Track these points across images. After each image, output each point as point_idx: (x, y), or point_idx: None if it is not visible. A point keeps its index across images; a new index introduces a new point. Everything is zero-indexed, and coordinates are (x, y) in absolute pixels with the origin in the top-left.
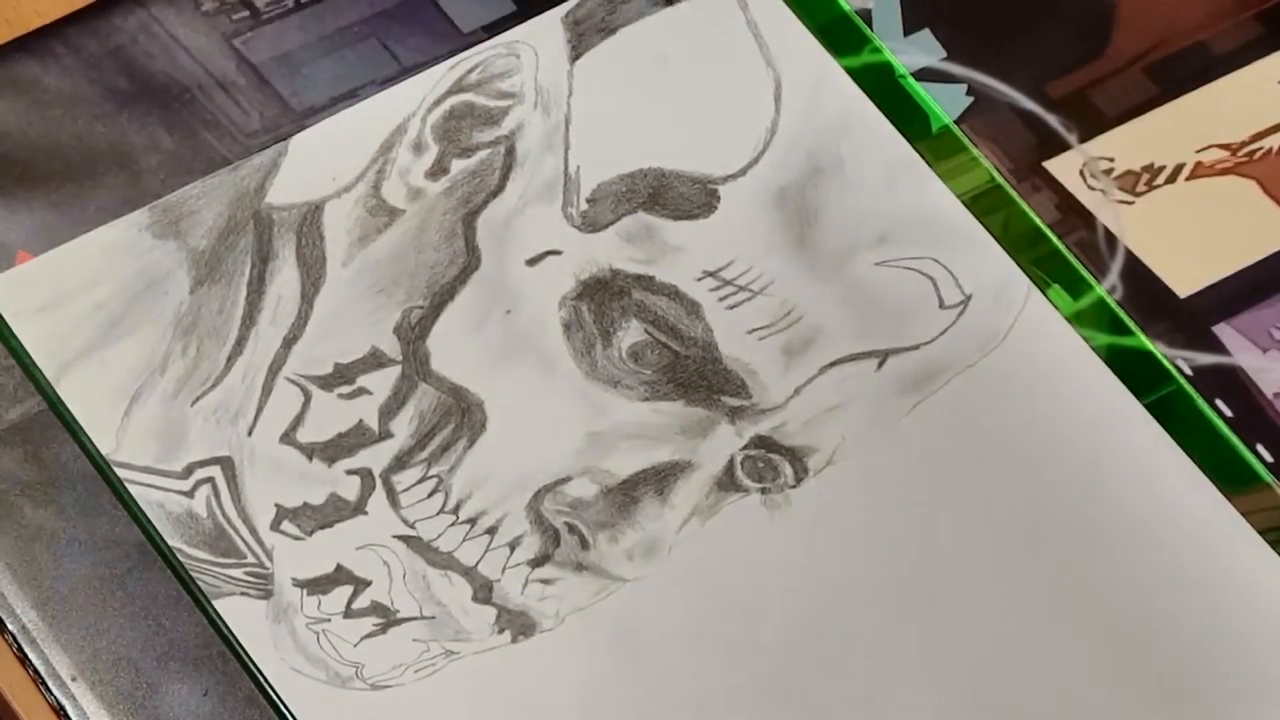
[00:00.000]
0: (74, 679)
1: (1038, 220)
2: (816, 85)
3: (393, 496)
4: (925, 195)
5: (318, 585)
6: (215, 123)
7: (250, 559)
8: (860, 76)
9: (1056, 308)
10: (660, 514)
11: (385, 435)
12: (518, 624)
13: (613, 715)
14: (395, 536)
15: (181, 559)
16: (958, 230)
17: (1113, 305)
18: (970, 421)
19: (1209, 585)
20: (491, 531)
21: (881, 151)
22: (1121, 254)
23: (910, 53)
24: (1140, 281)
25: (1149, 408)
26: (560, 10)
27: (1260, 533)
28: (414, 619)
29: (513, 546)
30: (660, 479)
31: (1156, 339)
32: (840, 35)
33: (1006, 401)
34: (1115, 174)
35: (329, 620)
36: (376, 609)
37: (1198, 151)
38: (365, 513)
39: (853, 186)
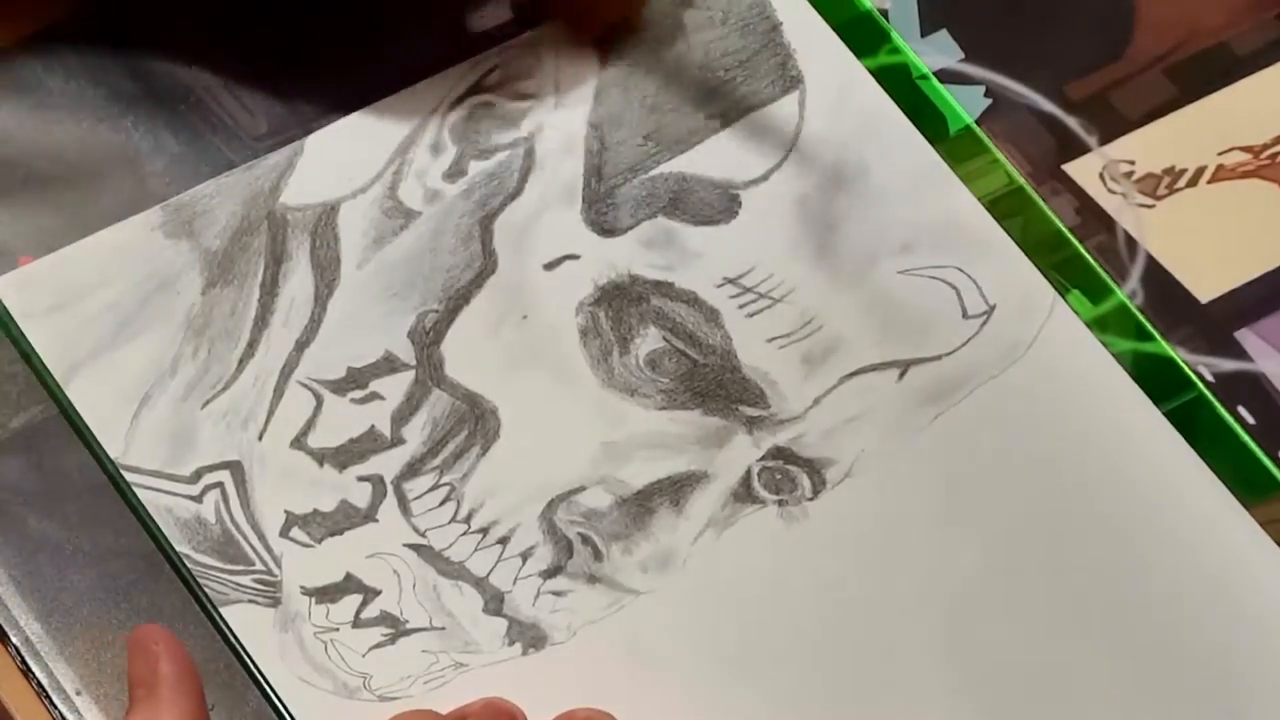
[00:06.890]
0: (78, 693)
1: (1059, 223)
2: (841, 90)
3: (404, 504)
4: (950, 203)
5: (326, 594)
6: (222, 126)
7: (258, 566)
8: (878, 77)
9: (1076, 313)
10: (675, 525)
11: (397, 441)
12: (529, 636)
13: None
14: (406, 545)
15: (189, 565)
16: (982, 239)
17: (1134, 311)
18: (992, 434)
19: (1230, 596)
20: (503, 541)
21: (906, 158)
22: (1142, 258)
23: (927, 54)
24: (1161, 286)
25: (1170, 415)
26: None
27: None
28: (423, 629)
29: (525, 557)
30: (676, 490)
31: (1177, 345)
32: (859, 35)
33: (1029, 414)
34: (1136, 177)
35: (337, 629)
36: (385, 619)
37: (1219, 154)
38: (376, 520)
39: (876, 193)
